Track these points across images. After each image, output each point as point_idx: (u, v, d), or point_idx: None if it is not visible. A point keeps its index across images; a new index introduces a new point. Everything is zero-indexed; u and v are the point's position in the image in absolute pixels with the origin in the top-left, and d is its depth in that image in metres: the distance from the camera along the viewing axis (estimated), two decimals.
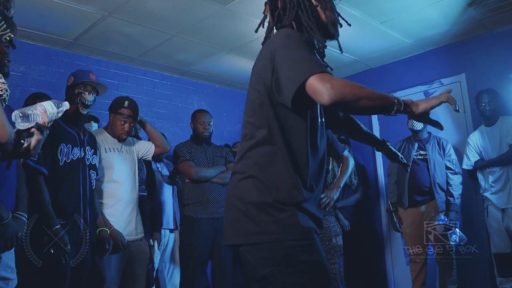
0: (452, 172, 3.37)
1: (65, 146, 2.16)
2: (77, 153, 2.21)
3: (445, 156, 3.40)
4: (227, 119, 4.81)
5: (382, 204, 4.30)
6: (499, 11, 3.32)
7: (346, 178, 2.68)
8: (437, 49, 4.03)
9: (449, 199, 3.28)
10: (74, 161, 2.19)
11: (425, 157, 3.39)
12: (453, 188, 3.31)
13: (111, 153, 2.58)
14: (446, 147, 3.43)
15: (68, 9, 2.96)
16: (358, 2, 3.08)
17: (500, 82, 3.44)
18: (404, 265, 3.64)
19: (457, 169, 3.38)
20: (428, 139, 3.48)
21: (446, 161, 3.38)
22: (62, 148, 2.14)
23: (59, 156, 2.12)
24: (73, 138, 2.22)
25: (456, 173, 3.38)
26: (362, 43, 3.85)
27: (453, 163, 3.39)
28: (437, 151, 3.41)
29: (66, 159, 2.15)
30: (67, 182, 2.14)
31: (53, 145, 2.10)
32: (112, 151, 2.59)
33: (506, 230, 3.03)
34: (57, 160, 2.11)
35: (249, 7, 3.08)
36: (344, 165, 2.71)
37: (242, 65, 4.23)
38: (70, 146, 2.18)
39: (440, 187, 3.31)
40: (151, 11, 3.02)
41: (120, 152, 2.62)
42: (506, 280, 3.00)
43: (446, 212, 3.25)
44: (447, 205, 3.28)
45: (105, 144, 2.59)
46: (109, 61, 3.89)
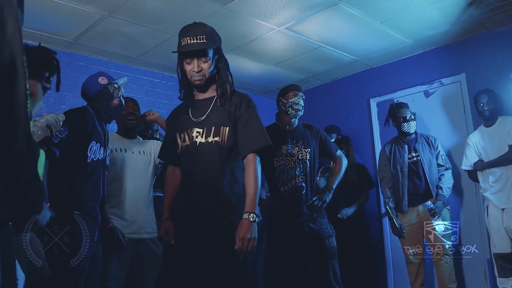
0: (443, 168, 3.41)
1: (95, 144, 2.13)
2: (102, 153, 2.20)
3: (435, 153, 3.42)
4: None
5: (382, 204, 4.30)
6: (499, 11, 3.32)
7: (340, 179, 2.64)
8: (437, 49, 4.03)
9: (438, 190, 3.31)
10: (99, 160, 2.17)
11: (418, 158, 3.38)
12: (442, 182, 3.34)
13: (116, 153, 2.58)
14: (435, 144, 3.45)
15: (68, 9, 2.96)
16: (358, 2, 3.08)
17: (500, 82, 3.44)
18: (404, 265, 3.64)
19: (447, 164, 3.42)
20: (416, 138, 3.47)
21: (437, 158, 3.41)
22: (92, 146, 2.12)
23: (88, 152, 2.09)
24: (101, 137, 2.20)
25: (447, 169, 3.41)
26: (362, 43, 3.85)
27: (443, 159, 3.42)
28: (428, 150, 3.41)
29: (93, 157, 2.12)
30: (90, 180, 2.12)
31: (85, 141, 2.08)
32: (118, 151, 2.58)
33: (506, 230, 3.02)
34: (86, 156, 2.08)
35: (249, 7, 3.08)
36: (337, 165, 2.68)
37: (242, 65, 4.23)
38: (99, 145, 2.16)
39: (435, 185, 3.34)
40: (151, 11, 3.02)
41: (127, 152, 2.60)
42: (506, 280, 2.99)
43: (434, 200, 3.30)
44: (436, 195, 3.31)
45: (112, 145, 2.58)
46: (109, 61, 3.89)
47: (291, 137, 2.58)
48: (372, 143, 4.48)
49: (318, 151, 2.65)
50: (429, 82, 4.09)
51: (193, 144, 1.81)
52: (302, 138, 2.59)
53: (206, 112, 1.83)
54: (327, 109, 4.84)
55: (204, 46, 1.76)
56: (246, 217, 1.65)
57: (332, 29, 3.50)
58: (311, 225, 2.47)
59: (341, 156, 2.73)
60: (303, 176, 2.52)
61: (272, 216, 2.61)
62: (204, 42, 1.75)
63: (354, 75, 4.66)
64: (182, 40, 1.78)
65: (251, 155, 1.77)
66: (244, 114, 1.82)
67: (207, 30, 1.80)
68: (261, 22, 3.33)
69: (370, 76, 4.54)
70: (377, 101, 4.52)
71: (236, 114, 1.81)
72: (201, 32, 1.77)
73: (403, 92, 4.23)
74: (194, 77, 1.81)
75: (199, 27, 1.80)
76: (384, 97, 4.44)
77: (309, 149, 2.57)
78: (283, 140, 2.57)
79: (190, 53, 1.77)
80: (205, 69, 1.80)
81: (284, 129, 2.63)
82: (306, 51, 3.95)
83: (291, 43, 3.76)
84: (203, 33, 1.77)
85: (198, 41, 1.75)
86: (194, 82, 1.84)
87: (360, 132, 4.52)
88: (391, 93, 4.37)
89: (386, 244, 4.23)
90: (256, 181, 1.73)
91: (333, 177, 2.64)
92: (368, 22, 3.40)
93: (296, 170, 2.51)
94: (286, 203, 2.49)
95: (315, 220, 2.49)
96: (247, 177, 1.74)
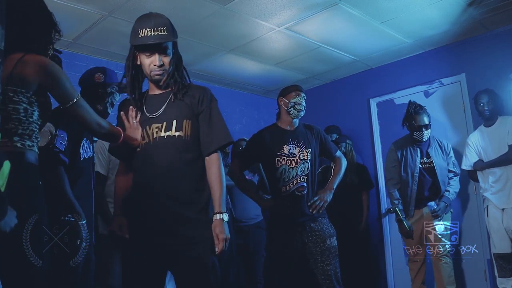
0: (453, 174, 3.38)
1: (86, 141, 2.10)
2: (91, 150, 2.18)
3: (447, 158, 3.39)
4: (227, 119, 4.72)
5: (382, 204, 4.30)
6: (499, 11, 3.32)
7: (340, 179, 2.65)
8: (437, 49, 4.03)
9: (444, 192, 3.30)
10: (90, 158, 2.15)
11: (430, 164, 3.32)
12: (450, 185, 3.34)
13: None
14: (448, 149, 3.41)
15: (68, 9, 2.96)
16: (358, 2, 3.08)
17: (500, 82, 3.44)
18: (404, 265, 3.64)
19: (457, 170, 3.40)
20: (429, 142, 3.39)
21: (448, 163, 3.38)
22: (84, 143, 2.08)
23: (80, 150, 2.06)
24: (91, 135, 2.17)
25: (457, 175, 3.39)
26: (362, 43, 3.85)
27: (455, 165, 3.39)
28: (440, 155, 3.36)
29: (85, 155, 2.10)
30: (82, 178, 2.10)
31: (77, 138, 2.04)
32: None
33: (506, 230, 3.02)
34: (79, 154, 2.05)
35: (249, 7, 3.08)
36: (337, 166, 2.69)
37: (242, 65, 4.23)
38: (89, 142, 2.14)
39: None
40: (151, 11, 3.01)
41: None
42: (506, 280, 2.99)
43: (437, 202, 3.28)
44: (440, 197, 3.30)
45: None
46: (109, 61, 3.89)
47: (292, 137, 2.58)
48: (372, 143, 4.48)
49: (318, 152, 2.65)
50: (429, 82, 4.09)
51: (153, 140, 1.71)
52: (303, 139, 2.59)
53: (162, 107, 1.73)
54: (327, 109, 4.84)
55: (166, 39, 1.65)
56: (219, 218, 1.61)
57: (332, 29, 3.50)
58: (312, 225, 2.47)
59: (340, 157, 2.74)
60: (304, 176, 2.52)
61: (272, 216, 2.61)
62: (165, 35, 1.65)
63: (354, 75, 4.66)
64: (141, 32, 1.64)
65: (215, 154, 1.71)
66: (206, 109, 1.74)
67: (166, 21, 1.69)
68: (261, 22, 3.33)
69: (370, 76, 4.54)
70: (377, 101, 4.52)
71: (199, 108, 1.73)
72: (161, 23, 1.66)
73: (403, 92, 4.23)
74: (155, 72, 1.69)
75: (159, 17, 1.69)
76: (384, 97, 4.45)
77: (310, 150, 2.57)
78: (284, 140, 2.57)
79: (151, 46, 1.65)
80: (166, 64, 1.69)
81: (285, 129, 2.63)
82: (306, 51, 3.95)
83: (291, 43, 3.76)
84: (163, 24, 1.66)
85: (159, 33, 1.63)
86: (153, 77, 1.71)
87: (360, 132, 4.52)
88: (391, 93, 4.37)
89: (386, 244, 4.23)
90: (221, 180, 1.67)
91: (333, 177, 2.65)
92: (368, 22, 3.40)
93: (297, 170, 2.51)
94: (287, 203, 2.49)
95: (316, 220, 2.49)
96: (213, 177, 1.68)
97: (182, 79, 1.77)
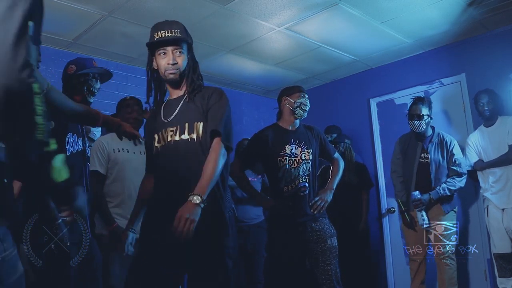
0: (453, 172, 3.22)
1: (72, 136, 2.07)
2: (80, 144, 2.14)
3: (449, 156, 3.24)
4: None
5: (382, 204, 4.30)
6: (499, 11, 3.32)
7: (338, 179, 2.67)
8: (437, 49, 4.03)
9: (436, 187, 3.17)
10: (78, 152, 2.12)
11: (426, 160, 3.26)
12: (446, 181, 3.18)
13: (119, 153, 2.57)
14: (450, 147, 3.25)
15: (68, 9, 2.96)
16: (358, 2, 3.08)
17: (500, 82, 3.44)
18: (404, 265, 3.64)
19: (461, 170, 3.22)
20: (432, 137, 3.30)
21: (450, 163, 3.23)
22: (69, 138, 2.06)
23: (66, 145, 2.03)
24: (77, 128, 2.15)
25: (458, 174, 3.21)
26: (362, 43, 3.85)
27: (457, 163, 3.21)
28: (439, 152, 3.25)
29: (72, 150, 2.07)
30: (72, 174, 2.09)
31: (61, 134, 2.01)
32: (120, 151, 2.58)
33: (506, 230, 3.02)
34: (64, 150, 2.02)
35: (249, 7, 3.08)
36: (335, 167, 2.72)
37: (242, 65, 4.24)
38: (76, 136, 2.10)
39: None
40: (151, 11, 3.02)
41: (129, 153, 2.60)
42: (506, 280, 2.99)
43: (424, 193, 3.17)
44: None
45: (114, 145, 2.58)
46: (109, 61, 3.89)
47: (294, 138, 2.58)
48: (372, 143, 4.48)
49: (318, 152, 2.66)
50: (429, 82, 4.09)
51: (168, 143, 1.74)
52: (304, 139, 2.60)
53: (176, 110, 1.77)
54: (327, 109, 4.84)
55: (179, 36, 1.75)
56: (191, 199, 1.53)
57: (332, 29, 3.50)
58: (313, 225, 2.48)
59: (338, 158, 2.77)
60: (306, 177, 2.53)
61: (273, 216, 2.61)
62: (179, 36, 1.76)
63: (354, 75, 4.66)
64: (156, 35, 1.76)
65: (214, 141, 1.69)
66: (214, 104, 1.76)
67: (181, 26, 1.79)
68: (261, 22, 3.33)
69: (370, 76, 4.54)
70: (377, 101, 4.52)
71: (208, 105, 1.76)
72: (176, 26, 1.77)
73: (403, 92, 4.23)
74: (169, 71, 1.75)
75: (173, 23, 1.79)
76: (384, 97, 4.45)
77: (311, 150, 2.58)
78: (286, 140, 2.57)
79: (165, 42, 1.74)
80: (180, 63, 1.76)
81: (286, 129, 2.63)
82: (306, 51, 3.95)
83: (291, 43, 3.76)
84: (178, 28, 1.76)
85: (173, 34, 1.74)
86: (168, 76, 1.76)
87: (360, 132, 4.52)
88: (391, 93, 4.37)
89: (386, 244, 4.23)
90: (214, 166, 1.62)
91: (332, 177, 2.67)
92: (368, 22, 3.40)
93: (299, 170, 2.52)
94: (288, 203, 2.50)
95: (317, 220, 2.50)
96: (207, 161, 1.64)
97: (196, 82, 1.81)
